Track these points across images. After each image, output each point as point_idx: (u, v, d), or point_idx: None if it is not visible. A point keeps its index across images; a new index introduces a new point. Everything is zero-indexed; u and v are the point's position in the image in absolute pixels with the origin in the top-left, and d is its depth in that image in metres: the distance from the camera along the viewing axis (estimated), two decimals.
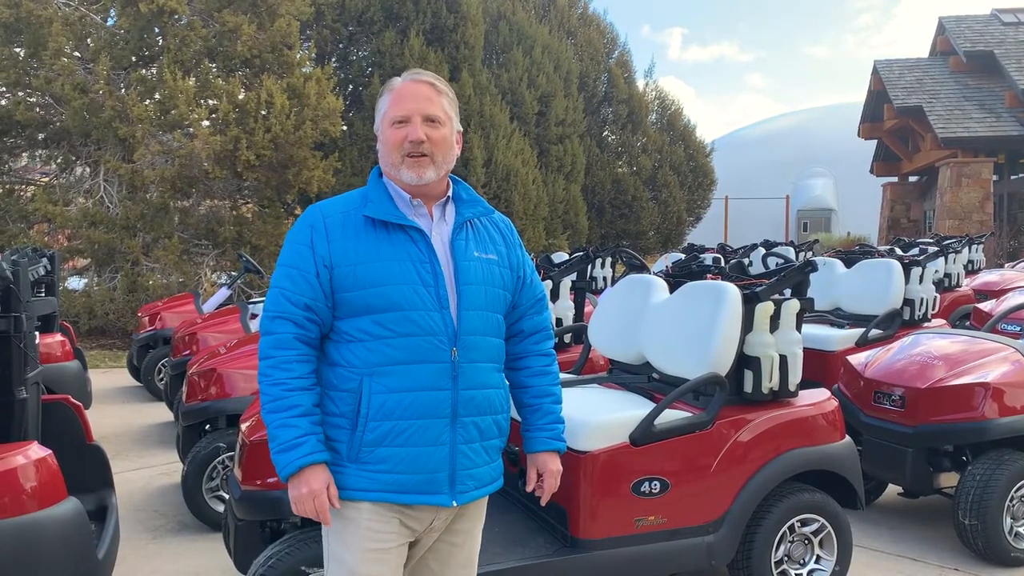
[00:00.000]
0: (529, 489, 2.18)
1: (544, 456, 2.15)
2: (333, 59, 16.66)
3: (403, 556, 2.00)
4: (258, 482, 2.93)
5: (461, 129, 2.07)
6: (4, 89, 12.15)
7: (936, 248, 8.26)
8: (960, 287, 8.96)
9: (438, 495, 1.93)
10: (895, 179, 24.41)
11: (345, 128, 14.82)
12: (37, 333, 3.51)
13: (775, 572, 3.24)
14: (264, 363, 1.91)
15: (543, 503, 2.18)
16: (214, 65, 12.53)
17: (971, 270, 10.51)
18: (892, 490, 4.85)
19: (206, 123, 11.81)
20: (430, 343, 1.90)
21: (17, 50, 11.68)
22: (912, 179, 24.13)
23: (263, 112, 11.67)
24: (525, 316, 2.16)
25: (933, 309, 6.19)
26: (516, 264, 2.12)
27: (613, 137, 22.57)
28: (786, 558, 3.28)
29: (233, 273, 11.24)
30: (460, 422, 1.94)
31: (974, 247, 10.90)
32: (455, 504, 1.96)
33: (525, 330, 2.16)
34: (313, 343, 1.94)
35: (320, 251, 1.91)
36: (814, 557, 3.34)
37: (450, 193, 2.05)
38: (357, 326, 1.91)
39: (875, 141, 24.56)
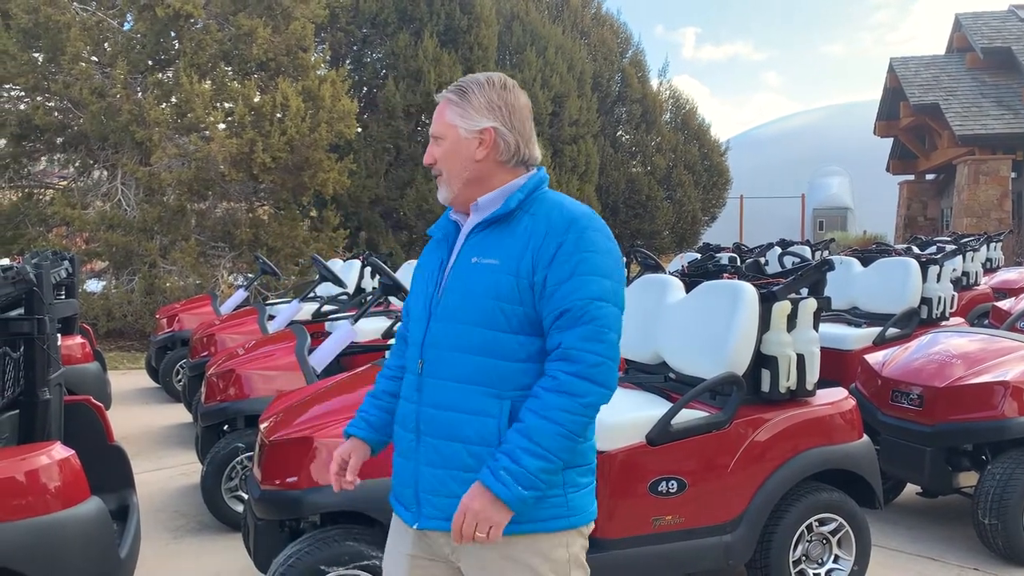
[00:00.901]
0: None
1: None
2: (347, 61, 16.71)
3: (422, 569, 1.88)
4: (277, 482, 2.95)
5: (487, 125, 1.85)
6: (23, 94, 12.30)
7: (954, 246, 8.21)
8: (978, 285, 8.88)
9: (407, 511, 1.87)
10: (912, 177, 24.21)
11: (360, 130, 14.86)
12: (59, 335, 3.55)
13: (793, 572, 3.23)
14: None
15: (453, 540, 1.72)
16: (230, 68, 12.63)
17: (989, 268, 10.44)
18: (910, 489, 4.82)
19: (222, 126, 11.89)
20: (411, 353, 1.93)
21: (36, 55, 11.80)
22: (929, 177, 23.93)
23: (278, 115, 11.73)
24: (548, 333, 1.77)
25: (951, 308, 6.14)
26: (527, 270, 1.76)
27: (627, 137, 22.50)
28: (804, 558, 3.28)
29: (250, 275, 11.31)
30: (423, 440, 1.82)
31: (992, 245, 10.83)
32: (416, 527, 1.83)
33: (548, 349, 1.77)
34: None
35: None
36: (832, 557, 3.34)
37: (482, 199, 1.86)
38: None
39: (891, 139, 24.36)
